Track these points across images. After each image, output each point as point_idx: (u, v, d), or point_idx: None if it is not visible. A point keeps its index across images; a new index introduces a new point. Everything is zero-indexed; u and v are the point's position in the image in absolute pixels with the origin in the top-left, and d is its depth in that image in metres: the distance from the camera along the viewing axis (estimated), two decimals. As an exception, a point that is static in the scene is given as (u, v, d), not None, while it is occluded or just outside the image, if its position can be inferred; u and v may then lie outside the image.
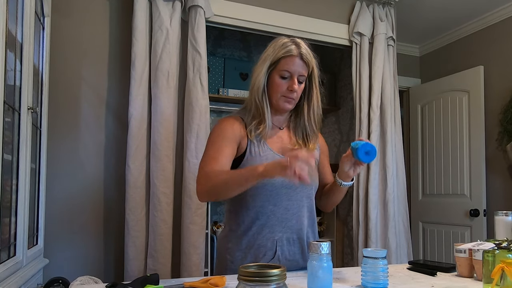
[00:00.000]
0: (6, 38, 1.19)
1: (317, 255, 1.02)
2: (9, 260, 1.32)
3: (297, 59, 1.32)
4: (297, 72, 1.33)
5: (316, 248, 1.02)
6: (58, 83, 2.15)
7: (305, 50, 1.34)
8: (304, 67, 1.34)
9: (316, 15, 2.73)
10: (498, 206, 3.01)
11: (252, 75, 1.40)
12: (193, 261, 2.15)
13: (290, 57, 1.32)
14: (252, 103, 1.36)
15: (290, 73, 1.32)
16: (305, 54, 1.33)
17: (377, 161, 2.70)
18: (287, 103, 1.36)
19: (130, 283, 1.02)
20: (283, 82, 1.33)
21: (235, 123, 1.36)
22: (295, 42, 1.35)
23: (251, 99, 1.37)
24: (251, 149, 1.35)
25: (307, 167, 1.07)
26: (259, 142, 1.36)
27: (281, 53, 1.32)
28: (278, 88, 1.34)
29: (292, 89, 1.33)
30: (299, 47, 1.33)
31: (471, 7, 3.11)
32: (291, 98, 1.35)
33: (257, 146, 1.35)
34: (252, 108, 1.37)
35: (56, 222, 2.11)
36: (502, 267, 0.95)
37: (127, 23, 2.26)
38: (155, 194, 2.14)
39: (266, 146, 1.37)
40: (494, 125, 3.12)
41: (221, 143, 1.32)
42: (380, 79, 2.75)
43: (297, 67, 1.32)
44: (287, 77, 1.33)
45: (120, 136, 2.25)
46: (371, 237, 2.62)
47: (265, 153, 1.35)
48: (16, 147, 1.41)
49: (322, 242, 1.02)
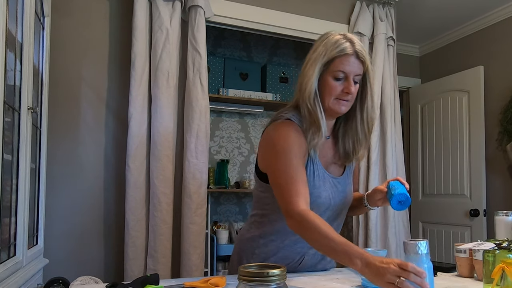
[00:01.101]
0: (6, 38, 1.19)
1: (415, 256, 0.91)
2: (9, 260, 1.32)
3: (352, 58, 1.19)
4: (353, 72, 1.19)
5: (413, 249, 0.91)
6: (58, 83, 2.15)
7: (360, 47, 1.20)
8: (359, 66, 1.20)
9: (316, 15, 2.73)
10: (498, 206, 3.01)
11: (300, 77, 1.24)
12: (193, 261, 2.15)
13: (345, 56, 1.18)
14: (305, 109, 1.21)
15: (346, 73, 1.19)
16: (360, 52, 1.19)
17: (377, 161, 2.71)
18: (343, 106, 1.22)
19: (130, 283, 1.02)
20: (337, 83, 1.20)
21: (301, 135, 1.20)
22: (349, 39, 1.20)
23: (302, 105, 1.22)
24: (308, 166, 1.22)
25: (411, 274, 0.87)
26: (314, 156, 1.23)
27: (335, 52, 1.18)
28: (331, 91, 1.20)
29: (348, 91, 1.19)
30: (354, 45, 1.19)
31: (471, 7, 3.11)
32: (346, 100, 1.21)
33: (312, 163, 1.23)
34: (303, 113, 1.21)
35: (56, 222, 2.11)
36: (503, 267, 0.95)
37: (127, 23, 2.26)
38: (155, 194, 2.14)
39: (319, 164, 1.24)
40: (494, 125, 3.11)
41: (298, 160, 1.16)
42: (380, 79, 2.75)
43: (352, 66, 1.19)
44: (342, 78, 1.20)
45: (120, 136, 2.25)
46: (371, 237, 2.62)
47: (318, 172, 1.23)
48: (16, 147, 1.41)
49: (419, 241, 0.92)
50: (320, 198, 1.21)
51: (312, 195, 1.16)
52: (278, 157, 1.17)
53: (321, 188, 1.21)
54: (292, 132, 1.20)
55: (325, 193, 1.23)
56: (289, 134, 1.19)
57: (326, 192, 1.23)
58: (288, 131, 1.20)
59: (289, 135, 1.19)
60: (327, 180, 1.25)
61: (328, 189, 1.24)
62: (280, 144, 1.19)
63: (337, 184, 1.28)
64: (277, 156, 1.18)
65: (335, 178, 1.29)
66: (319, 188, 1.20)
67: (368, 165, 2.69)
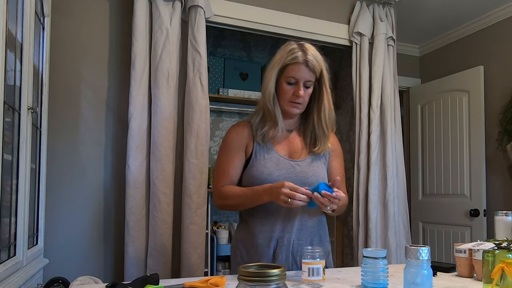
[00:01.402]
0: (6, 38, 1.19)
1: (416, 261, 0.94)
2: (9, 260, 1.32)
3: (302, 66, 1.34)
4: (303, 79, 1.35)
5: (414, 254, 0.94)
6: (58, 83, 2.15)
7: (312, 57, 1.35)
8: (310, 74, 1.36)
9: (316, 15, 2.73)
10: (498, 206, 3.01)
11: (263, 81, 1.43)
12: (193, 261, 2.15)
13: (296, 64, 1.34)
14: (265, 108, 1.41)
15: (296, 79, 1.35)
16: (311, 61, 1.35)
17: (377, 161, 2.71)
18: (294, 108, 1.39)
19: (130, 283, 1.02)
20: (289, 88, 1.37)
21: (242, 130, 1.44)
22: (302, 49, 1.36)
23: (263, 104, 1.41)
24: (256, 151, 1.40)
25: (297, 194, 1.21)
26: (266, 145, 1.41)
27: (288, 60, 1.35)
28: (284, 94, 1.38)
29: (297, 95, 1.35)
30: (306, 54, 1.35)
31: (471, 7, 3.11)
32: (297, 103, 1.38)
33: (263, 149, 1.40)
34: (264, 112, 1.42)
35: (56, 222, 2.11)
36: (502, 267, 0.95)
37: (127, 23, 2.26)
38: (155, 194, 2.14)
39: (273, 150, 1.41)
40: (494, 125, 3.11)
41: (230, 153, 1.41)
42: (380, 79, 2.75)
43: (302, 73, 1.35)
44: (294, 83, 1.36)
45: (120, 136, 2.25)
46: (371, 237, 2.62)
47: (269, 155, 1.40)
48: (16, 147, 1.41)
49: (421, 247, 0.95)
50: (272, 176, 1.37)
51: (262, 173, 1.36)
52: (219, 155, 1.46)
53: (273, 168, 1.38)
54: (233, 130, 1.45)
55: (277, 172, 1.38)
56: (230, 134, 1.45)
57: (280, 171, 1.39)
58: (230, 131, 1.47)
59: (229, 135, 1.45)
60: (282, 162, 1.41)
61: (282, 169, 1.40)
62: (222, 144, 1.47)
63: (296, 166, 1.42)
64: (219, 155, 1.47)
65: (294, 160, 1.43)
66: (270, 168, 1.37)
67: (368, 165, 2.69)
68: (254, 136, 1.41)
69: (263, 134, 1.40)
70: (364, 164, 2.71)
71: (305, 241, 1.40)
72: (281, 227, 1.38)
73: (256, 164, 1.38)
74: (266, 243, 1.38)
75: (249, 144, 1.42)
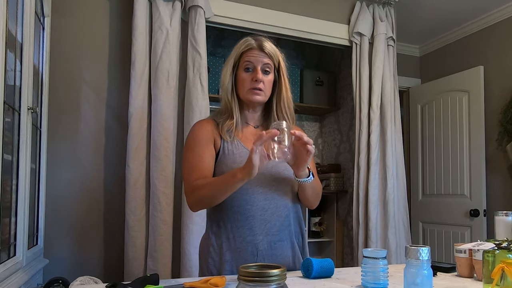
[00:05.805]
0: (6, 38, 1.19)
1: (416, 261, 0.94)
2: (9, 260, 1.32)
3: (257, 51, 1.35)
4: (259, 62, 1.34)
5: (414, 254, 0.94)
6: (58, 83, 2.15)
7: (266, 43, 1.36)
8: (266, 57, 1.35)
9: (316, 15, 2.73)
10: (498, 206, 3.01)
11: (221, 75, 1.41)
12: (193, 261, 2.15)
13: (250, 50, 1.35)
14: (223, 103, 1.40)
15: (253, 63, 1.34)
16: (265, 46, 1.35)
17: (377, 161, 2.71)
18: (255, 95, 1.35)
19: (130, 283, 1.02)
20: (247, 75, 1.35)
21: (207, 125, 1.39)
22: (256, 38, 1.38)
23: (222, 100, 1.40)
24: (224, 148, 1.36)
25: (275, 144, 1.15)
26: (232, 140, 1.37)
27: (242, 48, 1.36)
28: (244, 82, 1.35)
29: (256, 78, 1.32)
30: (259, 40, 1.36)
31: (471, 7, 3.11)
32: (258, 89, 1.34)
33: (230, 144, 1.36)
34: (222, 107, 1.40)
35: (56, 222, 2.11)
36: (502, 267, 0.95)
37: (127, 23, 2.26)
38: (155, 194, 2.14)
39: (240, 144, 1.37)
40: (494, 125, 3.11)
41: (199, 148, 1.35)
42: (380, 79, 2.75)
43: (258, 57, 1.34)
44: (251, 69, 1.35)
45: (120, 136, 2.25)
46: (371, 237, 2.62)
47: (238, 151, 1.35)
48: (16, 147, 1.41)
49: (421, 247, 0.95)
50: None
51: (232, 169, 1.27)
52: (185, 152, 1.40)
53: (243, 163, 1.28)
54: (198, 126, 1.41)
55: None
56: (194, 130, 1.40)
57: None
58: (194, 127, 1.42)
59: (194, 131, 1.40)
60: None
61: None
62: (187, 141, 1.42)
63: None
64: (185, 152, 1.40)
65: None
66: (240, 164, 1.28)
67: (368, 165, 2.69)
68: (220, 133, 1.37)
69: (228, 130, 1.36)
70: (364, 164, 2.71)
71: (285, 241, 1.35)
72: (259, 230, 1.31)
73: (225, 160, 1.34)
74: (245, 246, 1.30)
75: (216, 140, 1.37)
